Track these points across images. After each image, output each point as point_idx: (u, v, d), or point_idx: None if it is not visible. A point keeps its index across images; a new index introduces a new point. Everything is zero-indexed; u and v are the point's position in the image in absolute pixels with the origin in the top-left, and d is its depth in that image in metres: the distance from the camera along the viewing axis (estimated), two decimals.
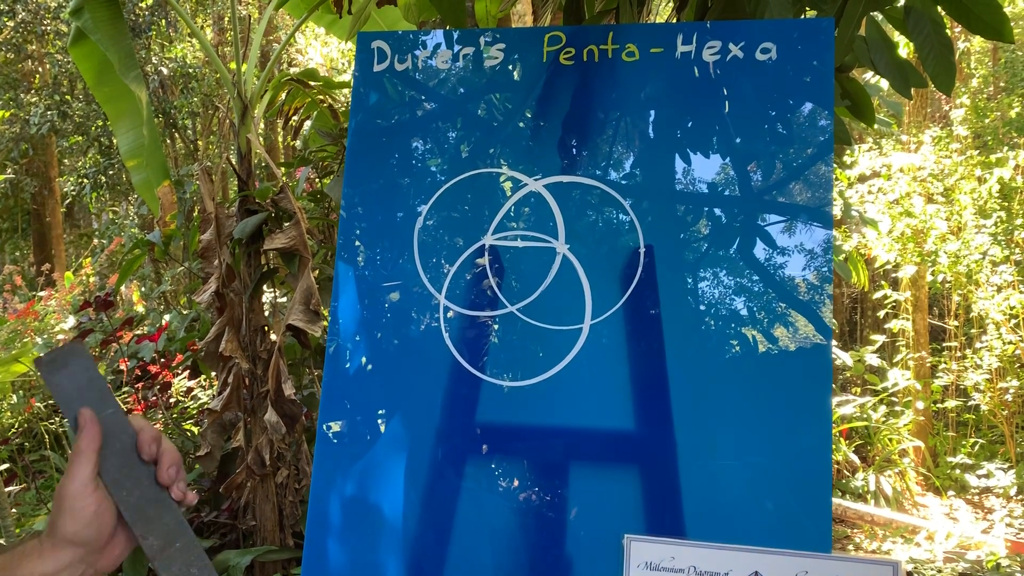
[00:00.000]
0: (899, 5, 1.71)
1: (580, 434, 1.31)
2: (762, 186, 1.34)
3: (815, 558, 1.15)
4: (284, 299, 4.59)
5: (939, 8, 1.66)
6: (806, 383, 1.27)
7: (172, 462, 0.87)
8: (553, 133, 1.41)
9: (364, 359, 1.41)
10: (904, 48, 4.28)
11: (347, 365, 1.42)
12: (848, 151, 6.75)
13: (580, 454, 1.30)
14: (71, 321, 6.52)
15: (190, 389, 5.59)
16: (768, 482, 1.25)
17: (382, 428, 1.38)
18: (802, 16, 1.69)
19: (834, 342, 7.19)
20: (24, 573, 0.83)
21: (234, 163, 3.47)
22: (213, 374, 4.29)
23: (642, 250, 1.34)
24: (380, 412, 1.39)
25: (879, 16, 1.79)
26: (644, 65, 1.40)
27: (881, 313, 8.32)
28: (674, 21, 1.96)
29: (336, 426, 1.39)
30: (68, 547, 0.84)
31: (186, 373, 5.28)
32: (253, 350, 3.30)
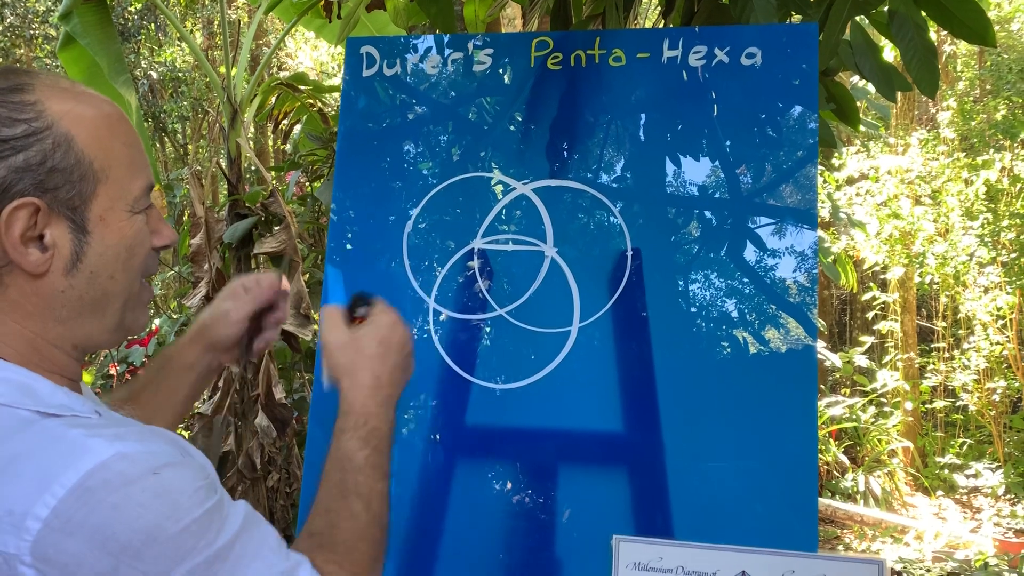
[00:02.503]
0: (883, 9, 1.73)
1: (569, 436, 1.32)
2: (748, 189, 1.36)
3: (801, 557, 1.17)
4: None
5: (923, 13, 1.68)
6: (792, 384, 1.29)
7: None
8: (542, 137, 1.43)
9: None
10: (891, 52, 4.32)
11: None
12: (836, 154, 6.79)
13: (569, 456, 1.31)
14: None
15: None
16: (754, 482, 1.26)
17: None
18: (787, 21, 1.70)
19: (823, 343, 7.23)
20: (177, 359, 1.16)
21: (224, 167, 3.47)
22: None
23: (629, 253, 1.36)
24: None
25: (864, 20, 1.81)
26: (631, 70, 1.41)
27: (870, 315, 8.37)
28: (661, 26, 1.97)
29: (327, 430, 1.40)
30: (209, 347, 1.16)
31: None
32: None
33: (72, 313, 0.85)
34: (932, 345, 8.12)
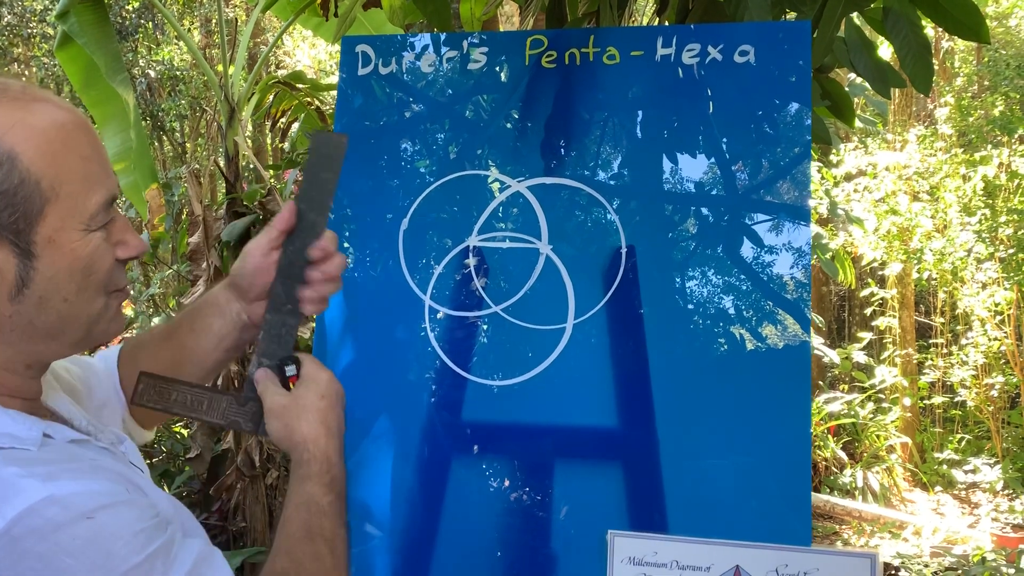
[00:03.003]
0: (878, 6, 1.74)
1: (564, 432, 1.33)
2: (742, 186, 1.36)
3: (795, 551, 1.18)
4: None
5: (917, 9, 1.68)
6: (786, 379, 1.29)
7: (329, 269, 1.03)
8: (536, 135, 1.43)
9: (351, 360, 1.42)
10: (887, 48, 4.32)
11: (334, 366, 1.44)
12: (834, 150, 6.80)
13: (564, 452, 1.32)
14: None
15: None
16: (749, 477, 1.27)
17: (369, 429, 1.39)
18: (782, 18, 1.71)
19: (822, 339, 7.23)
20: (211, 298, 1.09)
21: (222, 166, 3.48)
22: None
23: (624, 250, 1.36)
24: (367, 413, 1.40)
25: (859, 17, 1.81)
26: (625, 68, 1.41)
27: (868, 310, 8.38)
28: (655, 24, 1.98)
29: None
30: (234, 290, 1.06)
31: None
32: (242, 352, 3.31)
33: (22, 337, 0.80)
34: (930, 341, 8.13)
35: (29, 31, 9.80)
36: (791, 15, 1.74)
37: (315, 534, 0.91)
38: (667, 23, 1.84)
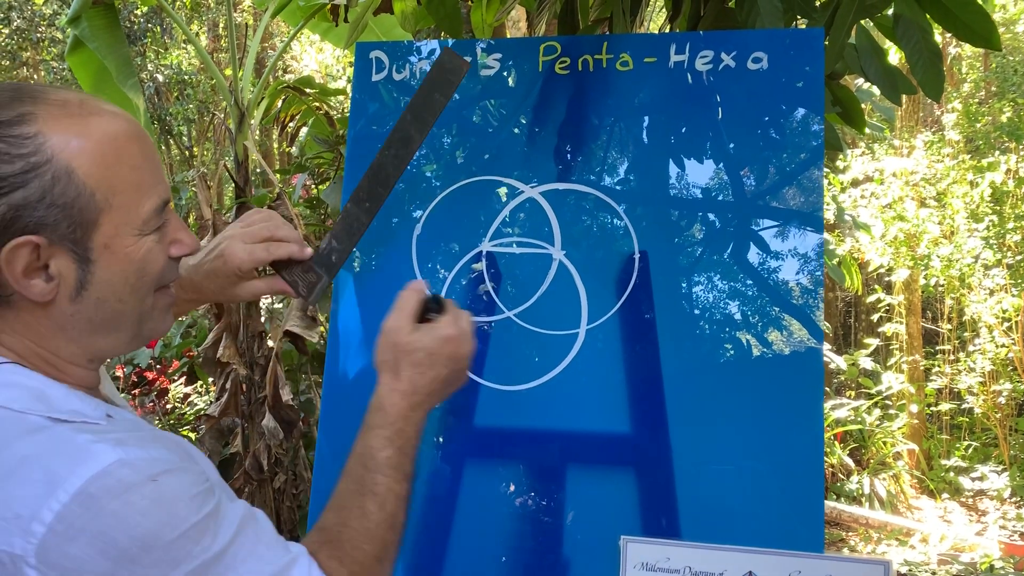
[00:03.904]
0: (888, 13, 1.74)
1: (577, 437, 1.33)
2: (754, 192, 1.37)
3: (808, 558, 1.18)
4: (281, 305, 4.60)
5: (928, 16, 1.68)
6: (798, 385, 1.29)
7: None
8: (549, 141, 1.44)
9: (363, 366, 1.43)
10: (896, 53, 4.32)
11: (346, 371, 1.44)
12: (841, 156, 6.79)
13: (577, 457, 1.32)
14: None
15: (187, 395, 5.60)
16: (761, 484, 1.27)
17: None
18: (793, 25, 1.71)
19: (828, 346, 7.22)
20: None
21: (231, 170, 3.49)
22: (210, 380, 4.30)
23: (637, 256, 1.37)
24: None
25: (869, 24, 1.81)
26: (638, 74, 1.42)
27: (875, 317, 8.36)
28: (667, 31, 1.99)
29: (335, 432, 1.41)
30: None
31: (182, 379, 5.28)
32: (251, 356, 3.32)
33: (83, 333, 0.87)
34: (937, 347, 8.11)
35: (38, 35, 9.85)
36: (802, 22, 1.74)
37: (366, 489, 0.96)
38: (678, 30, 1.85)
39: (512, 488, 1.33)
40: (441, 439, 1.37)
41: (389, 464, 0.97)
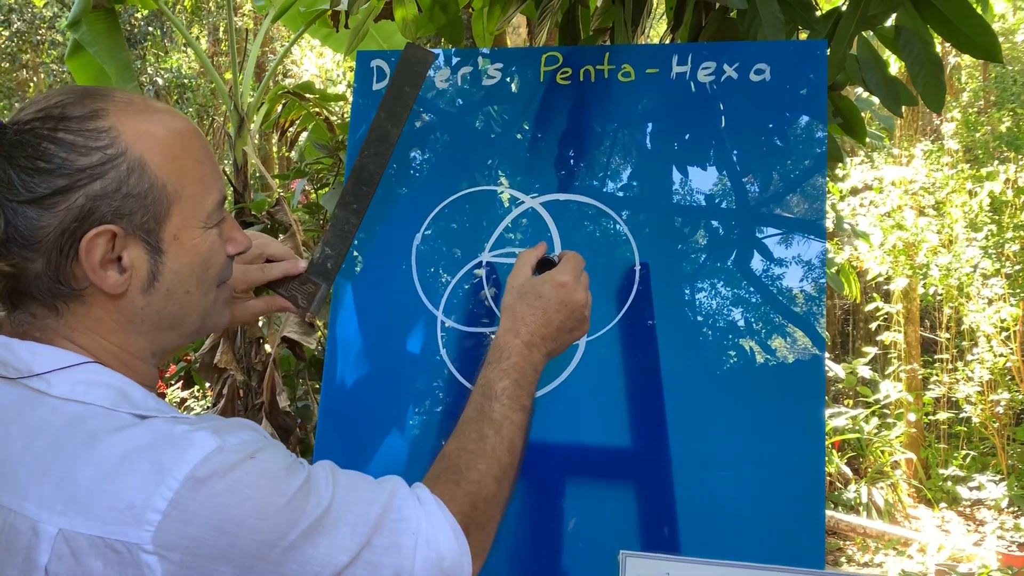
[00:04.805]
0: (890, 25, 1.74)
1: (576, 450, 1.32)
2: (756, 200, 1.36)
3: (808, 574, 1.17)
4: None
5: (929, 28, 1.68)
6: (799, 397, 1.29)
7: None
8: (550, 151, 1.43)
9: (361, 373, 1.42)
10: (895, 63, 4.32)
11: (344, 379, 1.43)
12: (840, 164, 6.80)
13: (576, 469, 1.31)
14: None
15: (184, 400, 5.58)
16: (761, 497, 1.26)
17: (380, 443, 1.39)
18: (795, 36, 1.71)
19: (826, 354, 7.21)
20: None
21: (230, 175, 3.49)
22: (207, 385, 4.29)
23: (637, 267, 1.36)
24: (377, 426, 1.40)
25: (870, 34, 1.81)
26: (640, 85, 1.41)
27: (873, 325, 8.36)
28: (668, 42, 1.98)
29: (333, 440, 1.40)
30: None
31: (179, 384, 5.27)
32: (248, 362, 3.31)
33: (152, 327, 0.91)
34: (935, 356, 8.11)
35: (38, 38, 9.85)
36: (804, 33, 1.74)
37: (484, 415, 1.03)
38: (680, 40, 1.84)
39: (511, 499, 1.32)
40: (440, 451, 1.36)
41: (506, 394, 1.04)
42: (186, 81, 10.06)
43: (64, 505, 0.77)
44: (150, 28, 9.54)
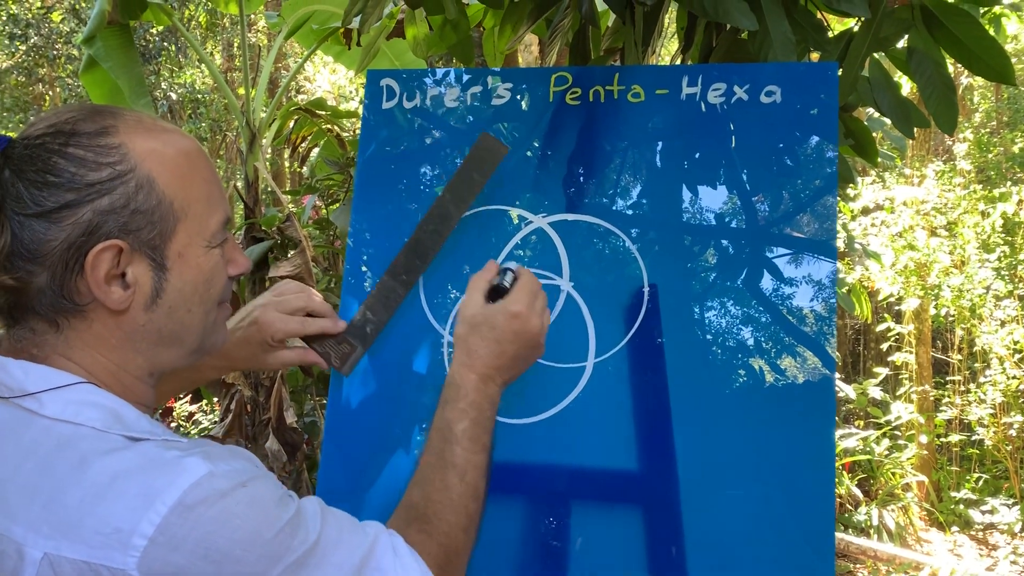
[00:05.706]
0: (902, 46, 1.73)
1: (582, 472, 1.31)
2: (767, 220, 1.35)
3: None
4: None
5: (941, 49, 1.68)
6: (809, 416, 1.27)
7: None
8: (559, 171, 1.43)
9: (367, 393, 1.41)
10: (908, 84, 4.32)
11: (351, 395, 1.43)
12: (852, 185, 6.79)
13: (582, 492, 1.30)
14: None
15: (191, 414, 5.59)
16: (770, 519, 1.25)
17: (385, 463, 1.38)
18: (806, 57, 1.71)
19: (837, 374, 7.16)
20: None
21: (241, 191, 3.50)
22: (215, 399, 4.29)
23: (646, 289, 1.35)
24: (383, 445, 1.39)
25: (881, 55, 1.81)
26: (649, 106, 1.41)
27: (884, 346, 8.31)
28: (678, 62, 1.98)
29: (339, 455, 1.39)
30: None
31: (188, 398, 5.27)
32: (255, 377, 3.31)
33: (151, 345, 0.91)
34: (947, 378, 8.05)
35: (55, 52, 9.96)
36: (815, 54, 1.74)
37: (447, 462, 1.02)
38: (690, 61, 1.84)
39: (515, 524, 1.31)
40: None
41: (466, 436, 1.03)
42: (199, 96, 10.14)
43: (51, 528, 0.76)
44: (165, 44, 9.63)
